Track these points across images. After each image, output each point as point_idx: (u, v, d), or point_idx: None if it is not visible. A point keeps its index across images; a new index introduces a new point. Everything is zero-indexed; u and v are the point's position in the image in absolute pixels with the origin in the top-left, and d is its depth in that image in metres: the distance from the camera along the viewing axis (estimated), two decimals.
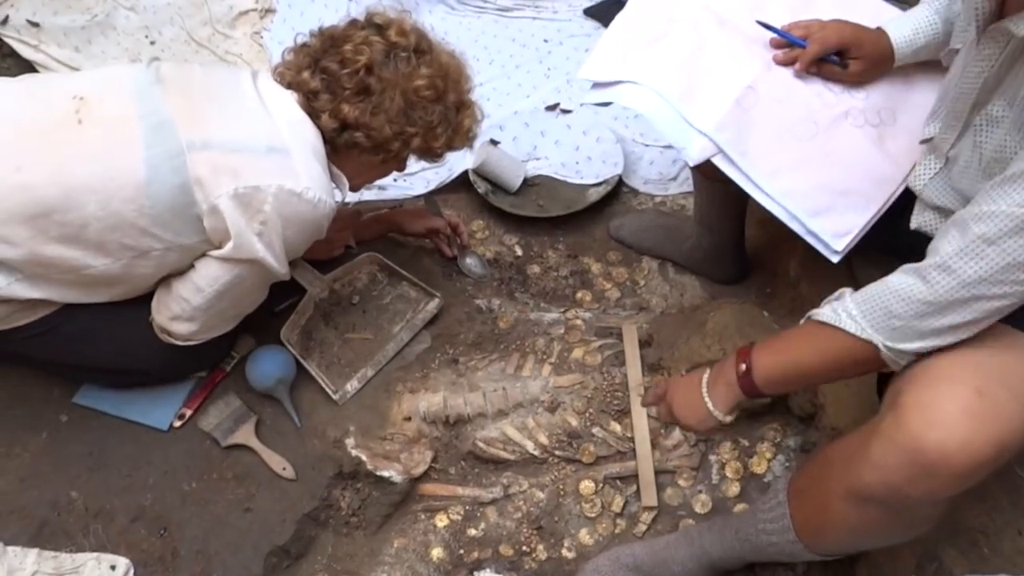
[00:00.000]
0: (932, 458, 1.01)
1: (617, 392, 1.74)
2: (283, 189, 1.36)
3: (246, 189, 1.35)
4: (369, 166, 1.54)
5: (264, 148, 1.37)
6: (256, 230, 1.38)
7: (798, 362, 1.20)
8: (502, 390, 1.74)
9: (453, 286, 1.95)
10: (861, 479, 1.10)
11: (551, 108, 2.36)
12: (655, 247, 2.01)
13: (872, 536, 1.18)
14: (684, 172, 2.19)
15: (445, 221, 1.96)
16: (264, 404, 1.73)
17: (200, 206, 1.37)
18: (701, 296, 1.93)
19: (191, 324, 1.52)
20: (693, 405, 1.32)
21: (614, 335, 1.84)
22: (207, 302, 1.48)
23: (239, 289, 1.49)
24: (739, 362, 1.26)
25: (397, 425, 1.72)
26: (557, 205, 2.12)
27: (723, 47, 1.41)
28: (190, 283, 1.47)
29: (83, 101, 1.39)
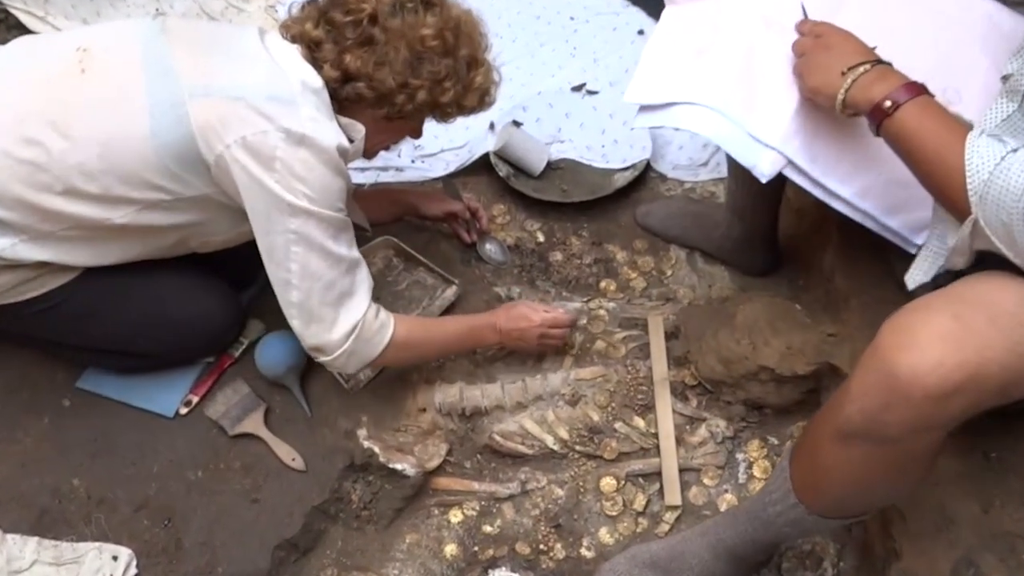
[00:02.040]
0: (904, 381, 1.05)
1: (641, 386, 1.74)
2: (291, 132, 1.38)
3: (254, 136, 1.37)
4: (377, 124, 1.53)
5: (267, 95, 1.39)
6: (275, 178, 1.38)
7: (922, 146, 1.17)
8: (521, 382, 1.74)
9: (472, 273, 1.96)
10: (842, 413, 1.14)
11: (576, 89, 2.36)
12: (683, 235, 2.01)
13: (865, 484, 1.20)
14: (715, 157, 2.18)
15: (464, 205, 1.96)
16: (273, 392, 1.74)
17: (206, 156, 1.39)
18: (730, 288, 1.93)
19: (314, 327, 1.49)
20: (830, 69, 1.27)
21: (639, 327, 1.84)
22: (301, 286, 1.46)
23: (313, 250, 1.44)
24: (895, 96, 1.20)
25: (411, 416, 1.73)
26: (581, 190, 2.13)
27: (774, 50, 1.39)
28: (277, 290, 1.47)
29: (86, 52, 1.42)
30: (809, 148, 1.37)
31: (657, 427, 1.70)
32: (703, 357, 1.71)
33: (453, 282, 1.87)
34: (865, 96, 1.23)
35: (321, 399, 1.74)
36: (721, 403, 1.72)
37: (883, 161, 1.28)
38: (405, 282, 1.91)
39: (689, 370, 1.74)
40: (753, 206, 1.83)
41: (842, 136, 1.38)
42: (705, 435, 1.70)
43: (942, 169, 1.14)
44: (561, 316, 1.74)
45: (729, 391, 1.71)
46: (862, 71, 1.25)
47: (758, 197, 1.80)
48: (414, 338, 1.60)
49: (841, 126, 1.37)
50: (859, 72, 1.25)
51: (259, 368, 1.73)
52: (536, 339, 1.72)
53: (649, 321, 1.83)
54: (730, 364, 1.68)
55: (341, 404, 1.73)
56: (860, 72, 1.25)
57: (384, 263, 1.94)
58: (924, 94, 1.21)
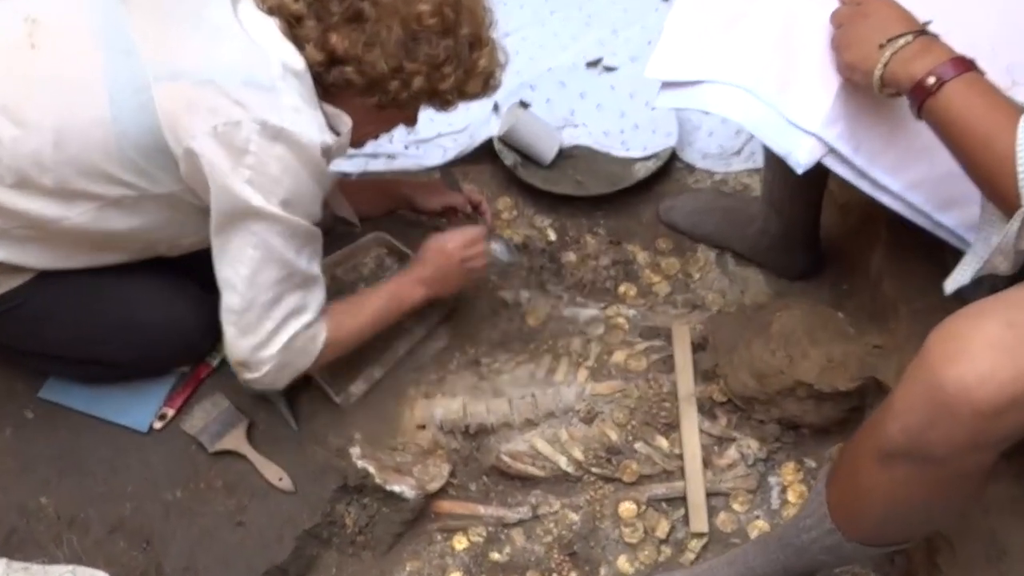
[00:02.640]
0: (951, 394, 1.05)
1: (664, 403, 1.78)
2: (268, 124, 1.37)
3: (226, 126, 1.36)
4: (367, 113, 1.54)
5: (243, 79, 1.38)
6: (245, 176, 1.39)
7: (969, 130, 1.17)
8: (531, 397, 1.78)
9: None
10: (884, 431, 1.15)
11: (592, 64, 2.37)
12: (713, 234, 2.03)
13: (909, 509, 1.21)
14: (750, 145, 2.21)
15: (465, 198, 1.97)
16: (256, 406, 1.77)
17: (174, 149, 1.38)
18: (766, 293, 1.96)
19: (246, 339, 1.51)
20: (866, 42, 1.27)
21: (662, 336, 1.87)
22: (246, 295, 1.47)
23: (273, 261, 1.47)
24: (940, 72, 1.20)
25: (409, 434, 1.76)
26: (598, 182, 2.15)
27: (815, 21, 1.36)
28: (221, 290, 1.49)
29: (36, 24, 1.40)
30: (853, 134, 1.37)
31: (682, 447, 1.73)
32: (734, 371, 1.74)
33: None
34: (906, 72, 1.23)
35: (309, 414, 1.78)
36: (753, 422, 1.76)
37: (937, 149, 1.27)
38: None
39: (718, 385, 1.77)
40: (792, 201, 1.85)
41: (891, 120, 1.37)
42: (735, 457, 1.74)
43: (990, 157, 1.14)
44: (470, 231, 1.74)
45: (762, 409, 1.74)
46: (902, 43, 1.23)
47: (797, 190, 1.81)
48: (344, 330, 1.62)
49: (890, 109, 1.36)
50: (899, 44, 1.24)
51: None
52: (460, 271, 1.72)
53: (673, 330, 1.85)
54: (764, 379, 1.70)
55: (331, 420, 1.77)
56: (900, 44, 1.23)
57: (375, 263, 1.97)
58: (972, 70, 1.20)
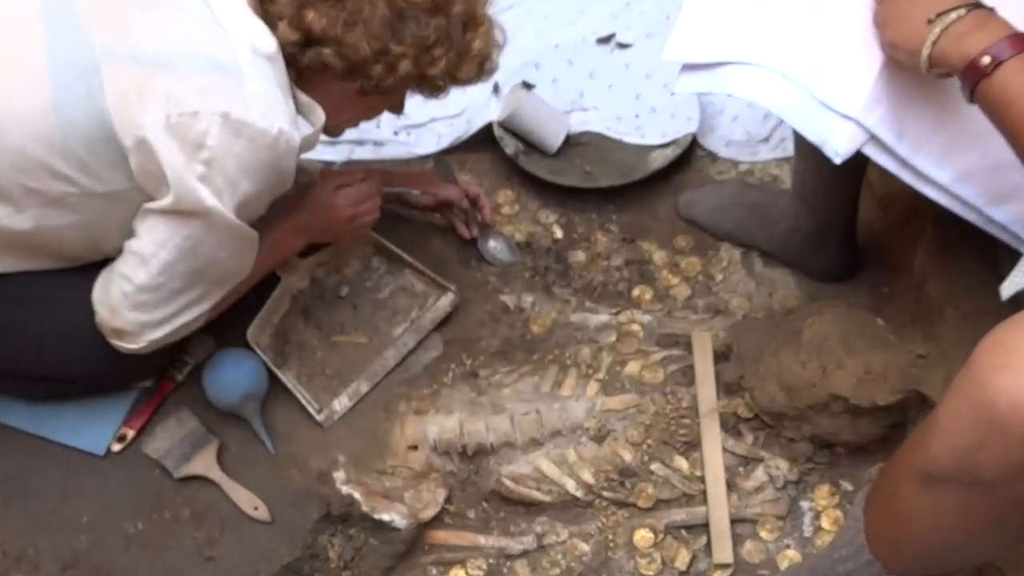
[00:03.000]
0: (1002, 411, 1.04)
1: (684, 419, 1.78)
2: (230, 117, 1.37)
3: (181, 116, 1.35)
4: (347, 100, 1.54)
5: (205, 63, 1.37)
6: (198, 172, 1.38)
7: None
8: (535, 413, 1.78)
9: (472, 277, 2.00)
10: (928, 451, 1.15)
11: (604, 41, 2.37)
12: (738, 230, 2.04)
13: (955, 537, 1.21)
14: (779, 131, 2.20)
15: (461, 190, 1.98)
16: (227, 425, 1.77)
17: (123, 140, 1.36)
18: (796, 296, 1.96)
19: (137, 314, 1.51)
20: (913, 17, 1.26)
21: (681, 345, 1.87)
22: (156, 278, 1.47)
23: (197, 256, 1.48)
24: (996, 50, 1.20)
25: (400, 455, 1.77)
26: (610, 172, 2.15)
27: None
28: (130, 254, 1.47)
29: None
30: (896, 119, 1.37)
31: (703, 469, 1.73)
32: (761, 383, 1.74)
33: (448, 288, 1.90)
34: (957, 50, 1.22)
35: (287, 434, 1.78)
36: (783, 440, 1.76)
37: (991, 136, 1.27)
38: (388, 288, 1.95)
39: (743, 399, 1.77)
40: (826, 194, 1.84)
41: (939, 104, 1.37)
42: (763, 479, 1.74)
43: None
44: (364, 187, 1.75)
45: (793, 425, 1.74)
46: (954, 18, 1.23)
47: (832, 182, 1.81)
48: (226, 301, 1.65)
49: (936, 91, 1.36)
50: (950, 19, 1.23)
51: (208, 396, 1.77)
52: (345, 228, 1.75)
53: (694, 338, 1.85)
54: (794, 392, 1.70)
55: (312, 440, 1.77)
56: (951, 19, 1.23)
57: (362, 264, 1.97)
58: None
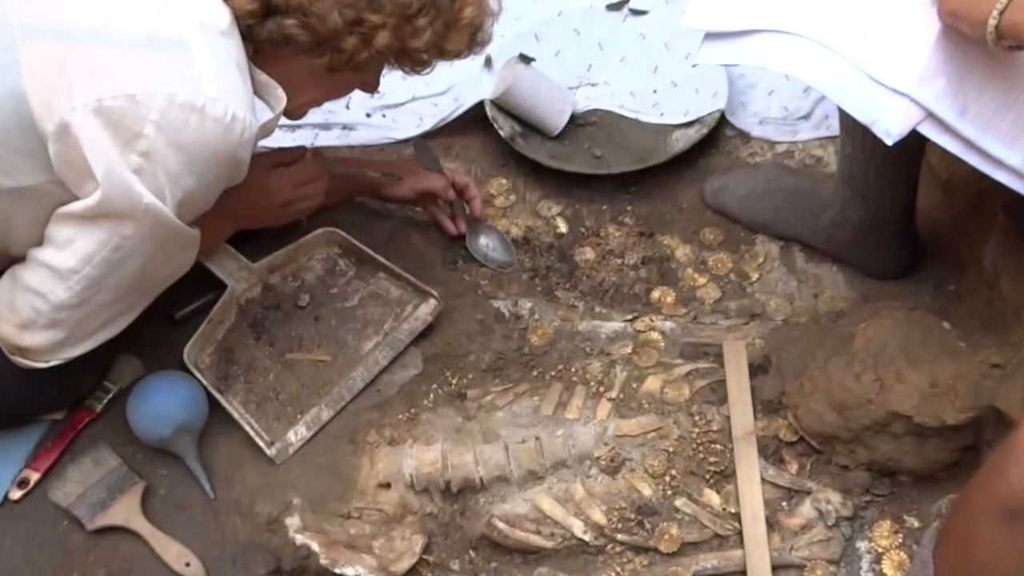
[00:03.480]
0: None
1: (714, 444, 1.77)
2: (174, 101, 1.37)
3: (115, 100, 1.35)
4: (313, 78, 1.56)
5: (145, 37, 1.39)
6: (134, 165, 1.38)
7: None
8: (534, 441, 1.77)
9: (458, 280, 2.00)
10: (1007, 481, 1.16)
11: (615, 7, 2.39)
12: (776, 222, 2.05)
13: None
14: (822, 106, 2.21)
15: (447, 180, 1.99)
16: (156, 463, 1.76)
17: (42, 126, 1.36)
18: (846, 297, 1.97)
19: (54, 332, 1.52)
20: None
21: (710, 356, 1.88)
22: (78, 295, 1.48)
23: (130, 267, 1.48)
24: None
25: (368, 496, 1.76)
26: (623, 156, 2.16)
27: None
28: (43, 267, 1.47)
29: None
30: (958, 94, 1.38)
31: (739, 504, 1.72)
32: (806, 401, 1.73)
33: (430, 294, 1.90)
34: None
35: (229, 473, 1.77)
36: (834, 468, 1.75)
37: None
38: (358, 295, 1.94)
39: (786, 420, 1.77)
40: (879, 179, 1.86)
41: (1008, 77, 1.39)
42: (810, 515, 1.72)
43: None
44: (305, 168, 1.77)
45: (845, 450, 1.73)
46: None
47: (886, 166, 1.83)
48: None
49: (1006, 63, 1.38)
50: None
51: (134, 428, 1.76)
52: (279, 213, 1.79)
53: (725, 348, 1.86)
54: (847, 411, 1.69)
55: (261, 480, 1.76)
56: None
57: (325, 267, 1.96)
58: None
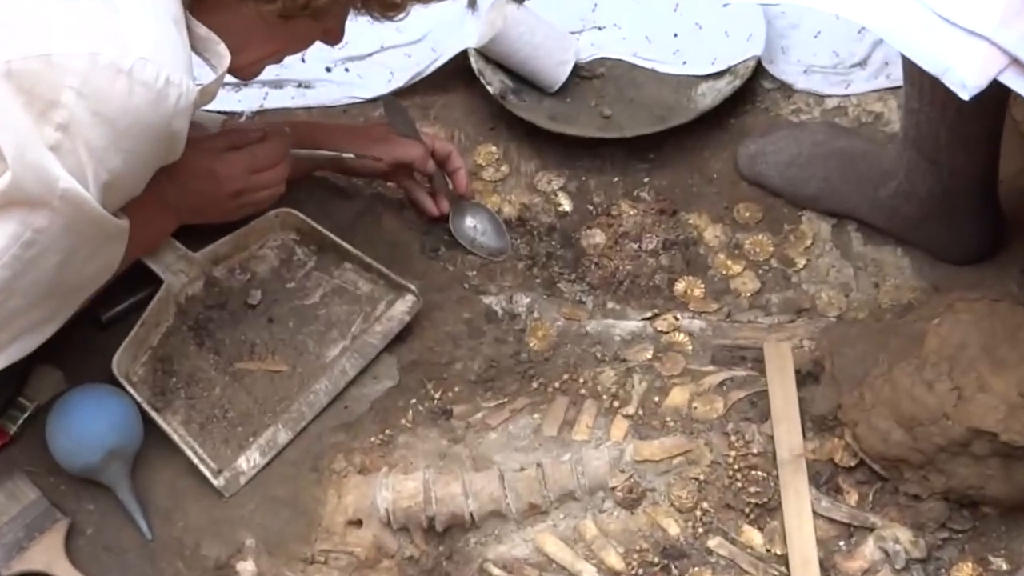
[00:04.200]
0: None
1: (755, 470, 1.78)
2: (98, 62, 1.38)
3: (27, 61, 1.36)
4: (262, 28, 1.58)
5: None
6: (51, 140, 1.39)
7: None
8: (535, 468, 1.77)
9: (441, 271, 2.01)
10: None
11: None
12: (826, 194, 2.06)
13: None
14: (880, 50, 2.22)
15: (424, 148, 2.00)
16: (83, 497, 1.78)
17: None
18: (914, 286, 1.98)
19: None
20: None
21: (748, 362, 1.89)
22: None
23: (45, 266, 1.48)
24: None
25: (336, 535, 1.77)
26: (639, 116, 2.17)
27: None
28: None
29: None
30: None
31: (787, 544, 1.72)
32: (867, 415, 1.73)
33: (407, 289, 1.91)
34: None
35: (169, 507, 1.78)
36: (902, 498, 1.74)
37: None
38: (320, 290, 1.95)
39: (842, 440, 1.78)
40: (953, 141, 1.86)
41: None
42: (874, 556, 1.71)
43: None
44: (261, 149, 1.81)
45: (916, 476, 1.73)
46: None
47: (961, 123, 1.83)
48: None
49: None
50: None
51: (55, 454, 1.77)
52: (231, 206, 1.80)
53: (767, 352, 1.87)
54: (917, 427, 1.68)
55: (206, 515, 1.78)
56: None
57: (280, 257, 1.96)
58: None
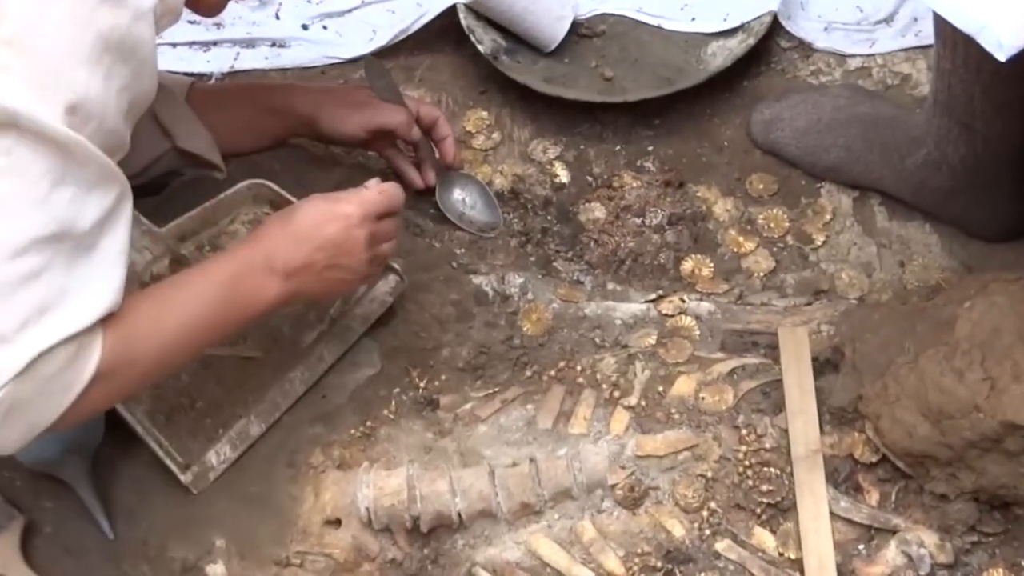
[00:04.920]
0: None
1: (767, 467, 1.76)
2: None
3: None
4: None
5: None
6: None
7: None
8: (528, 464, 1.77)
9: (427, 249, 2.00)
10: None
11: None
12: (848, 163, 2.05)
13: None
14: (908, 5, 2.22)
15: (409, 113, 2.00)
16: (40, 494, 1.80)
17: None
18: (943, 266, 1.98)
19: None
20: None
21: (761, 348, 1.89)
22: None
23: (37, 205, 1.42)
24: None
25: (312, 536, 1.77)
26: (643, 78, 2.17)
27: None
28: None
29: None
30: None
31: (801, 548, 1.71)
32: (891, 408, 1.71)
33: (390, 268, 1.92)
34: None
35: (133, 505, 1.79)
36: (928, 498, 1.73)
37: None
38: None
39: (863, 434, 1.76)
40: (987, 103, 1.85)
41: None
42: (897, 562, 1.69)
43: None
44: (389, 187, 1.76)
45: (944, 474, 1.71)
46: None
47: (997, 87, 1.82)
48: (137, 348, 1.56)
49: None
50: None
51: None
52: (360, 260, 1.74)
53: (781, 338, 1.86)
54: (945, 421, 1.66)
55: (173, 514, 1.78)
56: None
57: (249, 232, 1.94)
58: None
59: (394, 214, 1.78)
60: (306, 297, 1.77)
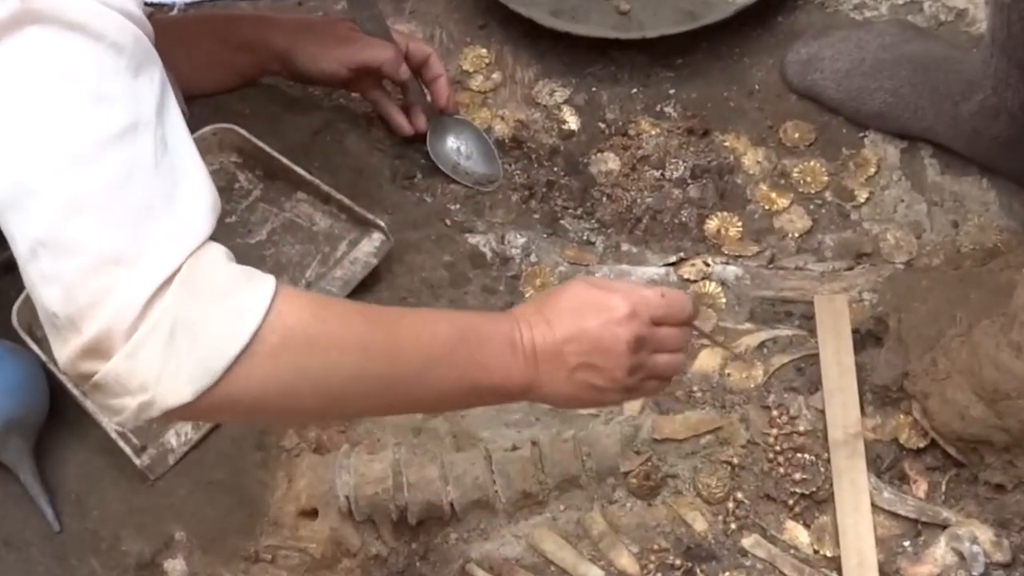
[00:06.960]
0: None
1: (801, 453, 1.77)
2: None
3: None
4: None
5: None
6: None
7: None
8: (530, 448, 1.78)
9: (417, 204, 2.01)
10: None
11: None
12: (895, 110, 2.06)
13: None
14: None
15: (397, 50, 2.01)
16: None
17: None
18: (1001, 227, 1.98)
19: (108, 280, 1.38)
20: None
21: (795, 318, 1.90)
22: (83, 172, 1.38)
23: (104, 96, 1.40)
24: None
25: (285, 528, 1.79)
26: (663, 12, 2.17)
27: None
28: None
29: None
30: None
31: (840, 544, 1.72)
32: (941, 386, 1.72)
33: (375, 225, 1.92)
34: None
35: (82, 492, 1.81)
36: (983, 489, 1.74)
37: None
38: (267, 225, 1.98)
39: (909, 416, 1.77)
40: None
41: None
42: (947, 560, 1.69)
43: None
44: (663, 296, 1.66)
45: (1000, 461, 1.72)
46: None
47: None
48: (326, 330, 1.48)
49: None
50: None
51: None
52: (626, 367, 1.62)
53: (818, 308, 1.88)
54: (1002, 401, 1.66)
55: (127, 503, 1.80)
56: None
57: (219, 184, 1.88)
58: None
59: (677, 325, 1.69)
60: (549, 400, 1.61)
